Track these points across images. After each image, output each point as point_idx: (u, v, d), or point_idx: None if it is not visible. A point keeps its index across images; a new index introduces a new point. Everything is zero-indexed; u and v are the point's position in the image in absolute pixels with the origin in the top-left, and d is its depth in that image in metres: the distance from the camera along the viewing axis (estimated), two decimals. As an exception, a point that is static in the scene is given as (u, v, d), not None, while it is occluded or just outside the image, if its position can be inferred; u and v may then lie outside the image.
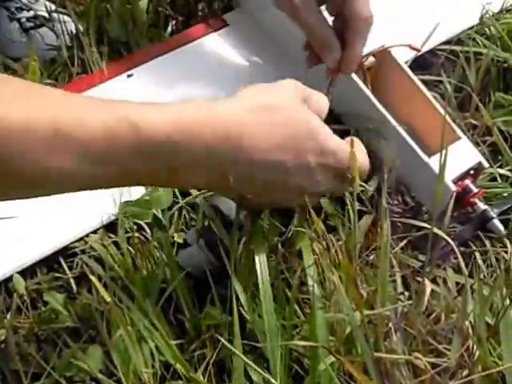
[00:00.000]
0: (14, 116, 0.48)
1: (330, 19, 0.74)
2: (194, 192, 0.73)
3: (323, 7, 0.74)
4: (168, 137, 0.53)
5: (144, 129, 0.52)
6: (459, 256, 0.62)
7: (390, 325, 0.57)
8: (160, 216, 0.70)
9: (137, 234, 0.69)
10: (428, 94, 0.76)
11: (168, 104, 0.55)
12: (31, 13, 0.93)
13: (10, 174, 0.50)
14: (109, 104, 0.53)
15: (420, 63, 0.85)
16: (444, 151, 0.60)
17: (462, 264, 0.62)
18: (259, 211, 0.66)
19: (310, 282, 0.57)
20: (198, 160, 0.55)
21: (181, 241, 0.71)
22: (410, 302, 0.58)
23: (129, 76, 0.81)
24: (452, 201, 0.66)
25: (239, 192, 0.59)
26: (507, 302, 0.60)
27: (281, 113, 0.58)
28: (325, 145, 0.59)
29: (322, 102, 0.63)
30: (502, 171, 0.80)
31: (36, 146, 0.49)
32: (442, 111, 0.75)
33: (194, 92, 0.57)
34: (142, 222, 0.70)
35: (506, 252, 0.71)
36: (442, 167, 0.61)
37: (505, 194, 0.78)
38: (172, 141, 0.53)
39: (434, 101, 0.76)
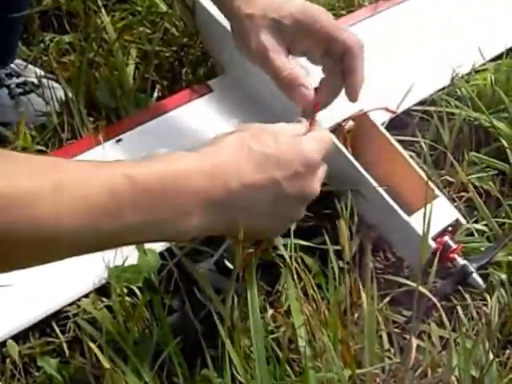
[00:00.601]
0: (20, 185, 0.51)
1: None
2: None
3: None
4: (163, 187, 0.57)
5: (139, 181, 0.56)
6: (442, 311, 0.64)
7: (379, 380, 0.59)
8: (152, 277, 0.72)
9: (128, 298, 0.70)
10: (406, 154, 0.80)
11: (155, 157, 0.59)
12: (21, 79, 0.96)
13: (22, 242, 0.52)
14: (106, 164, 0.57)
15: (396, 124, 0.89)
16: (427, 213, 0.63)
17: (445, 319, 0.64)
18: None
19: (300, 343, 0.59)
20: (193, 203, 0.58)
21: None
22: (398, 360, 0.61)
23: (118, 141, 0.83)
24: (435, 258, 0.69)
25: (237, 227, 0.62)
26: (490, 355, 0.63)
27: (250, 138, 0.62)
28: (302, 148, 0.63)
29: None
30: (478, 226, 0.83)
31: (44, 210, 0.51)
32: (419, 171, 0.78)
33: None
34: (133, 286, 0.72)
35: (486, 305, 0.74)
36: (427, 229, 0.64)
37: (482, 249, 0.81)
38: (168, 189, 0.57)
39: (411, 161, 0.80)
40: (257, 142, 0.62)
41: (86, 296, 0.73)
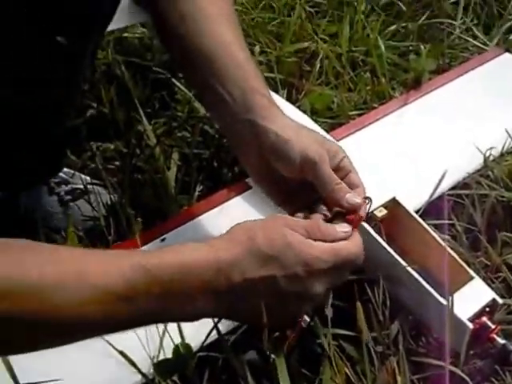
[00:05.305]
0: (47, 273, 0.58)
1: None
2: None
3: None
4: (172, 277, 0.63)
5: (152, 271, 0.62)
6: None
7: None
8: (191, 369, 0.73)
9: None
10: (439, 238, 0.82)
11: (171, 248, 0.66)
12: (69, 186, 1.01)
13: (44, 326, 0.59)
14: (125, 254, 0.65)
15: (431, 209, 0.91)
16: (452, 295, 0.65)
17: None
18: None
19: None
20: (198, 292, 0.64)
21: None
22: None
23: (162, 240, 0.87)
24: (468, 338, 0.70)
25: (246, 317, 0.68)
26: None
27: (259, 237, 0.66)
28: (307, 253, 0.67)
29: (308, 226, 0.69)
30: (517, 304, 0.84)
31: (67, 298, 0.59)
32: (454, 254, 0.80)
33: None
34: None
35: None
36: (451, 310, 0.66)
37: (523, 326, 0.81)
38: (176, 279, 0.63)
39: (445, 245, 0.81)
40: (264, 239, 0.66)
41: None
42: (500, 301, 0.78)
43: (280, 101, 0.88)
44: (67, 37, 0.76)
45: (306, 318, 0.73)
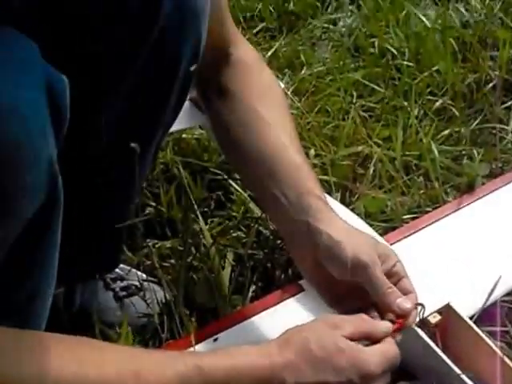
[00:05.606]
0: (107, 373, 0.61)
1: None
2: None
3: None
4: (226, 379, 0.65)
5: (208, 373, 0.64)
6: None
7: None
8: None
9: None
10: (492, 345, 0.81)
11: (225, 351, 0.68)
12: (125, 283, 1.03)
13: None
14: (181, 355, 0.66)
15: (485, 316, 0.90)
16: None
17: None
18: None
19: None
20: None
21: None
22: None
23: (215, 340, 0.87)
24: None
25: None
26: None
27: (311, 341, 0.68)
28: (359, 358, 0.68)
29: (354, 322, 0.72)
30: None
31: None
32: (509, 363, 0.79)
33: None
34: None
35: None
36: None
37: None
38: (230, 382, 0.65)
39: (498, 351, 0.80)
40: (317, 345, 0.68)
41: None
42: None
43: (334, 203, 0.90)
44: (139, 143, 0.79)
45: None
